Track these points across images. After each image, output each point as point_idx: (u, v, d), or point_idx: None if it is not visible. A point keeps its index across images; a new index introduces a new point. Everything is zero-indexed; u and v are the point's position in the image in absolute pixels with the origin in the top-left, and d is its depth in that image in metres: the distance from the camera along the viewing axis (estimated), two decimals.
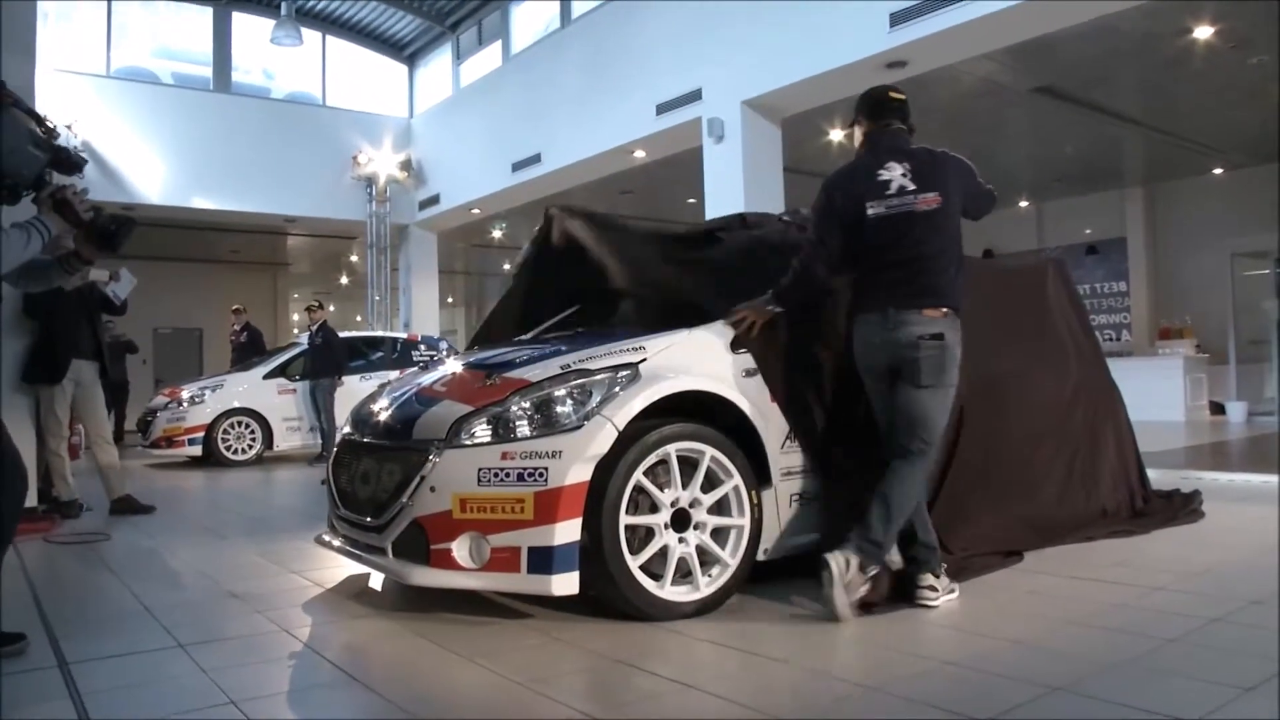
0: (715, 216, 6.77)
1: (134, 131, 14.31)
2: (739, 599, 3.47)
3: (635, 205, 16.03)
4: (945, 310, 3.38)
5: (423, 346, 12.15)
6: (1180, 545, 4.41)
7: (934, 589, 3.35)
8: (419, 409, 3.60)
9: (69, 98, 13.29)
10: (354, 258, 19.64)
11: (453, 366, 4.03)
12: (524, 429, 3.25)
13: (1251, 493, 5.96)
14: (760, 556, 3.59)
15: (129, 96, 14.54)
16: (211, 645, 3.15)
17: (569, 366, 3.40)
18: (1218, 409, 12.82)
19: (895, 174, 3.44)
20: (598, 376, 3.34)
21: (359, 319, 17.68)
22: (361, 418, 4.01)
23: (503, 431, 3.26)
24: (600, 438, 3.15)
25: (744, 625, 3.23)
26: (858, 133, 3.66)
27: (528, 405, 3.29)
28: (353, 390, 10.56)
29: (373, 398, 4.19)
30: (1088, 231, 16.91)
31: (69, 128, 13.00)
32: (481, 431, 3.29)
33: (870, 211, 3.43)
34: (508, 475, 3.17)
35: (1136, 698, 2.41)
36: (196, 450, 10.27)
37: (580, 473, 3.12)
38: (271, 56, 16.21)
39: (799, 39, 9.21)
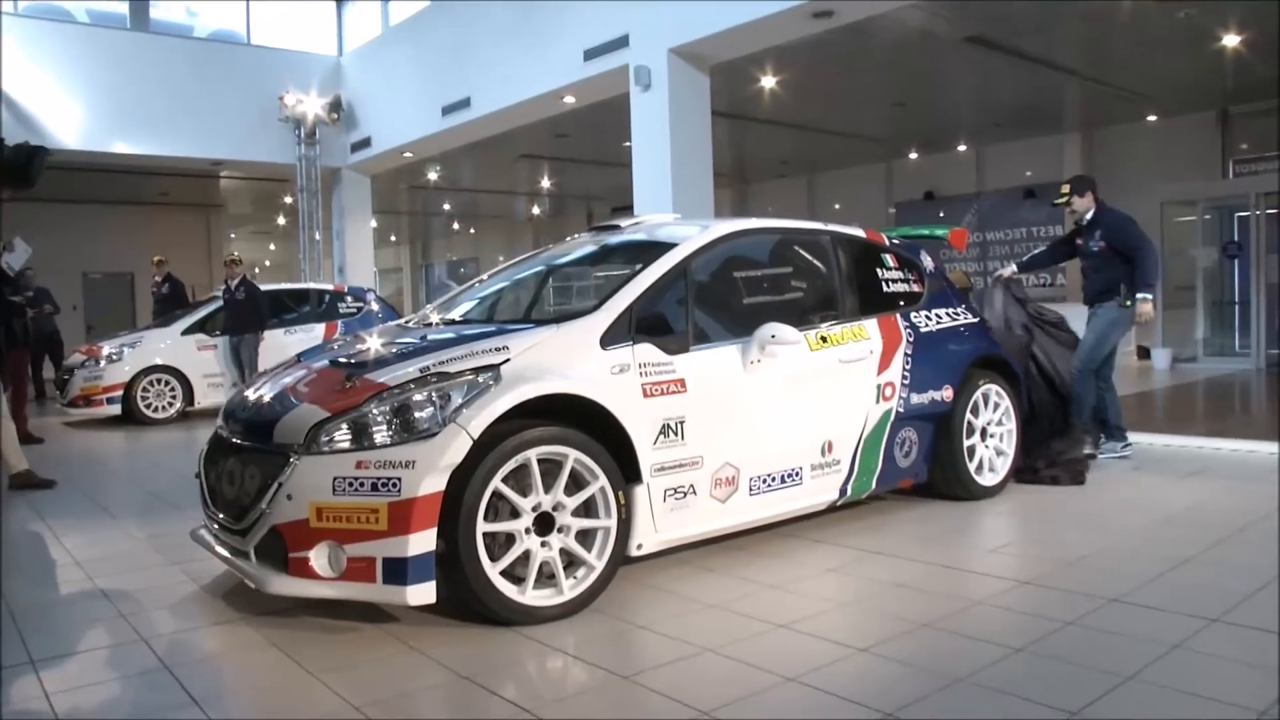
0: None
1: (47, 73, 13.70)
2: (616, 594, 3.47)
3: (572, 148, 15.78)
4: None
5: (349, 298, 11.91)
6: (1067, 524, 4.49)
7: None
8: (280, 410, 3.50)
9: None
10: (289, 199, 19.17)
11: (318, 363, 3.91)
12: (381, 435, 3.17)
13: (1154, 457, 6.16)
14: (635, 551, 3.58)
15: (40, 35, 13.89)
16: (64, 661, 3.11)
17: (429, 369, 3.32)
18: (1145, 354, 13.17)
19: None
20: (458, 380, 3.26)
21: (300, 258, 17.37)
22: (230, 411, 3.91)
23: (359, 438, 3.19)
24: (454, 446, 3.08)
25: (605, 629, 3.23)
26: (1089, 198, 6.16)
27: (386, 410, 3.21)
28: (277, 344, 10.40)
29: (247, 388, 4.09)
30: (1028, 174, 16.95)
31: None
32: (339, 438, 3.21)
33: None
34: (362, 485, 3.10)
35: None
36: (116, 409, 10.03)
37: (434, 483, 3.05)
38: None
39: None
